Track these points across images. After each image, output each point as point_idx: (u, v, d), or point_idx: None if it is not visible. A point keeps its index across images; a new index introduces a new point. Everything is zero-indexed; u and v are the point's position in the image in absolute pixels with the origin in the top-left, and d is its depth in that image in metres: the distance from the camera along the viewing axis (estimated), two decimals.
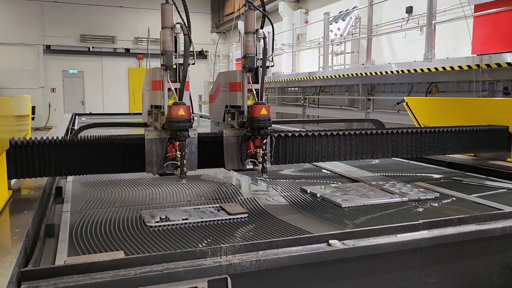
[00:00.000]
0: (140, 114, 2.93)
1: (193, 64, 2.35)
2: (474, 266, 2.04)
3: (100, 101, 21.34)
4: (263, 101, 2.53)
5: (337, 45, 11.70)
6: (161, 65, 2.32)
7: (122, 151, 2.49)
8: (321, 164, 3.88)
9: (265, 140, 2.50)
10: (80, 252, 1.79)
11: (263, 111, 2.44)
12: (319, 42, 12.19)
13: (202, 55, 22.71)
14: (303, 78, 11.94)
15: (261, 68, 2.54)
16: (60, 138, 2.39)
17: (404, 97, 4.69)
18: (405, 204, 2.59)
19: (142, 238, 1.95)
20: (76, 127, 7.05)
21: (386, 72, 8.58)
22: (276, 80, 13.82)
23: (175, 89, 2.32)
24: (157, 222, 2.15)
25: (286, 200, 2.71)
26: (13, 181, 2.49)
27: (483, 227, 1.99)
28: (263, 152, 2.48)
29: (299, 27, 13.82)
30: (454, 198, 2.72)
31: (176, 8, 2.35)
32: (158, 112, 2.44)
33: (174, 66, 2.34)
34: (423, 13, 8.67)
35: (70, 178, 3.23)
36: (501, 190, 2.96)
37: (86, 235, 1.99)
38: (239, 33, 19.67)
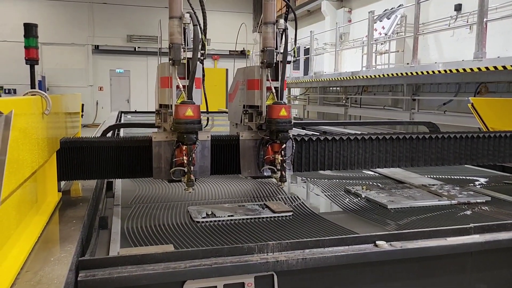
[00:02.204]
0: None
1: (204, 58, 2.12)
2: None
3: (144, 99, 21.90)
4: (284, 100, 2.24)
5: (381, 44, 11.47)
6: (169, 59, 2.07)
7: None
8: None
9: (284, 145, 2.18)
10: (131, 244, 1.86)
11: (283, 112, 2.14)
12: (363, 41, 11.99)
13: (243, 54, 22.85)
14: (346, 77, 11.78)
15: (281, 64, 2.24)
16: (109, 139, 2.36)
17: (470, 98, 4.36)
18: (454, 207, 2.52)
19: (190, 233, 2.00)
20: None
21: (432, 71, 8.33)
22: (318, 80, 13.72)
23: (184, 86, 2.08)
24: (204, 217, 2.19)
25: (330, 199, 2.70)
26: (62, 183, 2.42)
27: None
28: (281, 158, 2.17)
29: (342, 26, 13.64)
30: (505, 202, 2.62)
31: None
32: (167, 112, 2.18)
33: (183, 61, 2.10)
34: (473, 11, 8.36)
35: None
36: None
37: (136, 228, 2.06)
38: None
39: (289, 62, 2.27)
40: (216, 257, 1.58)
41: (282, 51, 2.23)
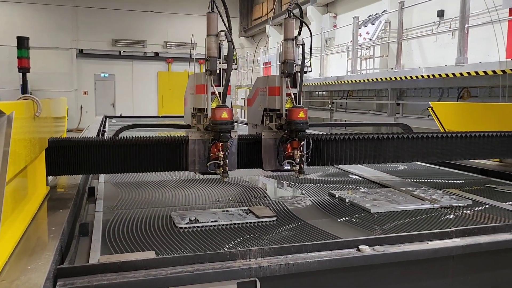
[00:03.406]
0: (169, 116, 3.00)
1: (236, 69, 2.44)
2: (509, 276, 1.98)
3: (130, 104, 21.76)
4: (301, 104, 2.59)
5: (366, 49, 11.58)
6: (206, 70, 2.38)
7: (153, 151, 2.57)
8: (348, 169, 3.85)
9: (303, 142, 2.54)
10: (112, 251, 1.83)
11: (301, 114, 2.49)
12: (348, 46, 12.09)
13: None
14: (331, 82, 11.86)
15: (299, 73, 2.60)
16: (96, 138, 2.54)
17: (429, 102, 4.62)
18: (436, 210, 2.54)
19: (172, 239, 1.98)
20: (106, 129, 7.24)
21: (416, 76, 8.43)
22: (304, 84, 13.75)
23: (219, 93, 2.42)
24: (187, 223, 2.18)
25: (314, 204, 2.70)
26: (50, 178, 2.62)
27: None
28: (301, 153, 2.53)
29: (327, 31, 13.74)
30: (487, 206, 2.65)
31: (221, 16, 2.44)
32: (202, 114, 2.50)
33: (218, 71, 2.41)
34: (455, 17, 8.49)
35: (102, 178, 3.31)
36: None
37: (118, 234, 2.04)
38: (267, 37, 19.72)
39: (305, 72, 2.64)
40: (198, 263, 1.57)
41: (300, 63, 2.60)
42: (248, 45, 22.51)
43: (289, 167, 2.60)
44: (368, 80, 10.09)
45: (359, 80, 10.41)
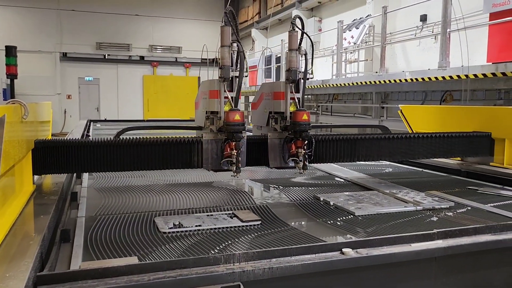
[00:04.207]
0: (154, 120, 3.05)
1: (246, 76, 2.65)
2: (490, 277, 2.01)
3: (115, 108, 21.58)
4: (304, 108, 2.85)
5: (351, 53, 11.69)
6: (219, 77, 2.66)
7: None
8: (334, 172, 3.88)
9: (306, 141, 2.80)
10: (94, 257, 1.81)
11: (305, 117, 2.77)
12: (333, 50, 12.18)
13: (216, 63, 22.82)
14: (316, 85, 11.94)
15: (302, 80, 2.87)
16: (81, 140, 2.70)
17: (399, 105, 4.88)
18: (420, 213, 2.56)
19: (156, 244, 1.96)
20: (91, 134, 7.16)
21: (400, 80, 8.53)
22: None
23: (231, 97, 2.68)
24: (171, 228, 2.16)
25: (299, 207, 2.70)
26: (36, 177, 2.74)
27: (499, 237, 1.97)
28: (304, 151, 2.79)
29: (313, 35, 13.83)
30: (469, 208, 2.68)
31: (233, 29, 2.70)
32: (215, 117, 2.75)
33: (230, 78, 2.68)
34: (437, 21, 8.63)
35: (85, 183, 3.27)
36: None
37: (100, 240, 2.01)
38: (253, 41, 19.77)
39: (308, 79, 2.90)
40: (181, 268, 1.55)
41: (303, 70, 2.88)
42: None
43: (293, 164, 2.87)
44: (353, 83, 10.17)
45: (344, 84, 10.49)
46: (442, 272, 1.90)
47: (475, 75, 6.70)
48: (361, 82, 9.86)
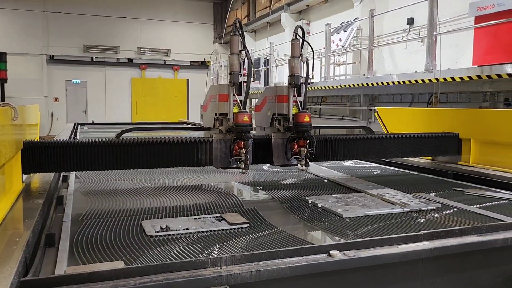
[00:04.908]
0: (143, 123, 3.09)
1: (253, 81, 2.74)
2: (476, 277, 2.03)
3: (102, 111, 21.41)
4: (306, 110, 3.07)
5: (339, 55, 11.75)
6: (229, 82, 2.86)
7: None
8: (322, 174, 3.89)
9: (308, 140, 3.01)
10: (80, 261, 1.79)
11: (306, 118, 2.98)
12: (321, 52, 12.24)
13: (204, 65, 22.82)
14: None
15: (303, 84, 3.07)
16: (69, 141, 2.85)
17: (375, 107, 5.11)
18: (407, 214, 2.58)
19: (143, 248, 1.95)
20: (78, 137, 7.09)
21: (387, 82, 8.60)
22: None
23: (240, 101, 2.89)
24: (158, 232, 2.14)
25: (288, 210, 2.70)
26: (24, 176, 2.87)
27: (485, 238, 1.98)
28: (307, 150, 3.00)
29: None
30: (455, 209, 2.71)
31: (242, 39, 2.90)
32: (224, 118, 2.96)
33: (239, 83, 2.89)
34: (424, 25, 8.71)
35: (71, 187, 3.24)
36: (502, 201, 2.95)
37: (86, 244, 1.99)
38: None
39: (309, 83, 3.13)
40: (168, 272, 1.54)
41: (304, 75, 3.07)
42: (223, 51, 22.47)
43: (295, 162, 3.10)
44: (341, 86, 10.23)
45: (332, 86, 10.55)
46: (429, 273, 1.91)
47: (461, 78, 6.78)
48: (349, 85, 9.92)
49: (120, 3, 21.36)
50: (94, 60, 21.30)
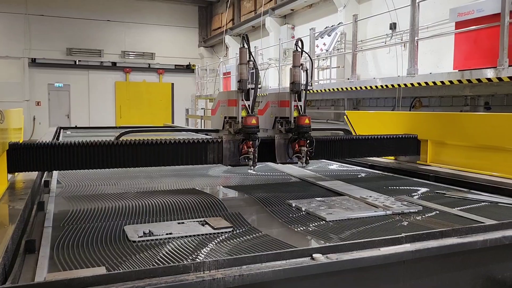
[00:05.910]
0: (127, 127, 3.13)
1: (260, 88, 2.93)
2: (457, 279, 2.06)
3: (86, 115, 21.17)
4: (306, 113, 3.40)
5: (323, 60, 11.83)
6: (238, 88, 3.18)
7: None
8: (307, 178, 3.90)
9: (308, 141, 3.36)
10: (61, 268, 1.76)
11: (307, 121, 3.34)
12: (305, 57, 12.32)
13: (189, 69, 22.76)
14: None
15: (303, 91, 3.40)
16: (52, 142, 2.99)
17: (345, 111, 5.36)
18: (389, 217, 2.61)
19: (125, 253, 1.93)
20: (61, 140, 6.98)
21: (371, 86, 8.70)
22: (263, 94, 13.87)
23: (248, 105, 3.21)
24: (140, 237, 2.13)
25: (272, 214, 2.71)
26: (9, 176, 3.02)
27: (464, 240, 2.01)
28: (307, 149, 3.35)
29: (285, 42, 13.95)
30: (437, 212, 2.75)
31: (249, 51, 3.17)
32: (233, 121, 3.28)
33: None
34: (406, 30, 8.84)
35: (53, 192, 3.19)
36: (483, 203, 3.01)
37: (67, 250, 1.96)
38: (226, 47, 19.78)
39: (308, 90, 3.44)
40: (150, 278, 1.53)
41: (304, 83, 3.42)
42: (207, 55, 22.49)
43: (296, 160, 3.43)
44: (325, 90, 10.30)
45: (317, 90, 10.61)
46: (410, 275, 1.93)
47: (442, 82, 6.89)
48: (333, 89, 9.99)
49: (104, 7, 21.19)
50: (77, 63, 21.08)
